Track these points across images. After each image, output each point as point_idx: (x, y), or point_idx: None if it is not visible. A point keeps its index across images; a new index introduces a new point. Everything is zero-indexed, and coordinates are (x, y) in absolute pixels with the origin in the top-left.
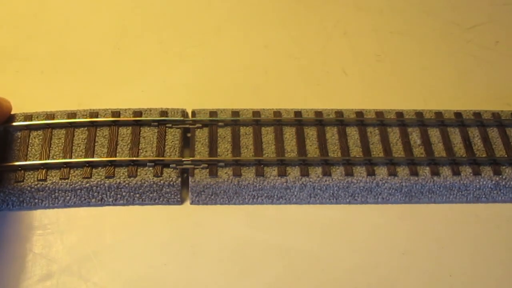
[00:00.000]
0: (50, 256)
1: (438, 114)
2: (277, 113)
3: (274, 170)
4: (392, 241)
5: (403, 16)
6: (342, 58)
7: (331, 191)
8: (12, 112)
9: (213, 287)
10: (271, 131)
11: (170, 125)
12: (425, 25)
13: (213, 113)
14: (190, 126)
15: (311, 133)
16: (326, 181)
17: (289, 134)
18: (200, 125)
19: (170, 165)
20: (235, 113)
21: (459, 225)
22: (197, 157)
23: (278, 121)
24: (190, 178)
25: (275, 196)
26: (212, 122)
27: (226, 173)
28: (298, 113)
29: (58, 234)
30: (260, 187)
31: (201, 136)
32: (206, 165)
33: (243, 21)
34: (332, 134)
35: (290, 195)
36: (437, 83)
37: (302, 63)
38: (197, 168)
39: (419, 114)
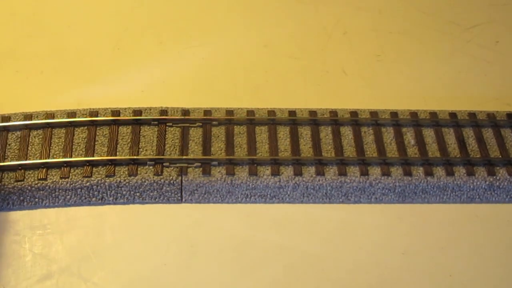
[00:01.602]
0: (50, 256)
1: (433, 114)
2: (271, 112)
3: (268, 169)
4: (392, 241)
5: (403, 16)
6: (342, 58)
7: (324, 191)
8: (12, 112)
9: (213, 287)
10: (265, 130)
11: (170, 124)
12: (424, 25)
13: (207, 112)
14: (184, 125)
15: (305, 132)
16: (319, 180)
17: (283, 133)
18: (201, 123)
19: (164, 164)
20: (229, 112)
21: (458, 225)
22: (191, 156)
23: (272, 120)
24: (183, 177)
25: (268, 195)
26: (206, 121)
27: (219, 172)
28: (292, 112)
29: (58, 234)
30: (253, 186)
31: (195, 135)
32: (199, 164)
33: (243, 21)
34: (326, 133)
35: (283, 194)
36: (437, 83)
37: (302, 63)
38: (190, 167)
39: (413, 114)
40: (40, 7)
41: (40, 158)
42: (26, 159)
